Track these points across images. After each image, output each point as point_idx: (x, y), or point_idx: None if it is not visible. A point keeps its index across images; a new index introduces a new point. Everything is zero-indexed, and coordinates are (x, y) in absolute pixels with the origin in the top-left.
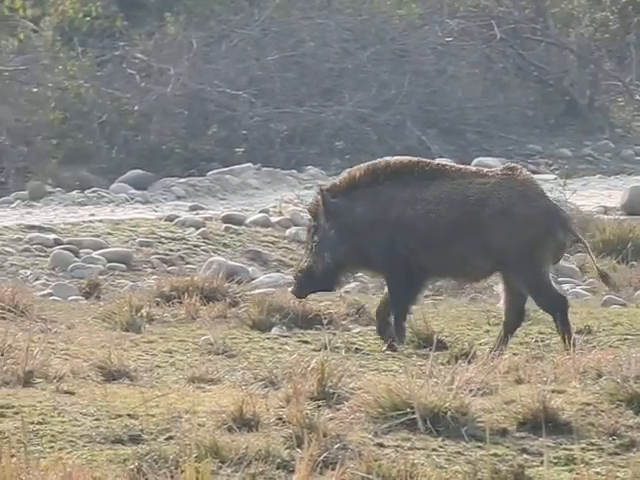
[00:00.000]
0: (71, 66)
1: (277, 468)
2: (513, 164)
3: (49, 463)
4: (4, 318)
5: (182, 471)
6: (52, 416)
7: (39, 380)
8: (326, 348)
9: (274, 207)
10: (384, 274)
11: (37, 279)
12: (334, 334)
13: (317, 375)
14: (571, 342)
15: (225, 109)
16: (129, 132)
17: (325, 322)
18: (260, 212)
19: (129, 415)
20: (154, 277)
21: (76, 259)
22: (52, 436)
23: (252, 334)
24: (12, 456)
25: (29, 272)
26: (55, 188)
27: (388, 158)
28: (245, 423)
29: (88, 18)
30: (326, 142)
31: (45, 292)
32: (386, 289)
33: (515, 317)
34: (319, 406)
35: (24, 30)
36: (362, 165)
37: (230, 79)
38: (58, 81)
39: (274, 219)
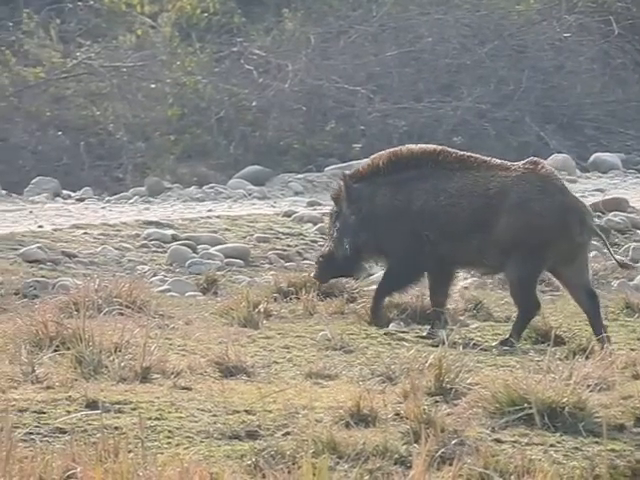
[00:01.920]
0: (189, 62)
1: (394, 464)
2: (536, 158)
3: (166, 459)
4: (122, 314)
5: (299, 467)
6: (169, 412)
7: (156, 376)
8: (444, 344)
9: None
10: (391, 258)
11: (155, 275)
12: (452, 329)
13: (435, 370)
14: (508, 340)
15: (343, 105)
16: (247, 128)
17: (444, 318)
18: None
19: (246, 411)
20: (271, 273)
21: (194, 255)
22: (169, 432)
23: (370, 330)
24: (129, 452)
25: (147, 268)
26: (173, 184)
27: (411, 145)
28: (362, 419)
29: (206, 14)
30: (444, 138)
31: (163, 288)
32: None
33: (588, 298)
34: (436, 401)
35: (142, 26)
36: (384, 152)
37: (348, 75)
38: (176, 77)
39: None
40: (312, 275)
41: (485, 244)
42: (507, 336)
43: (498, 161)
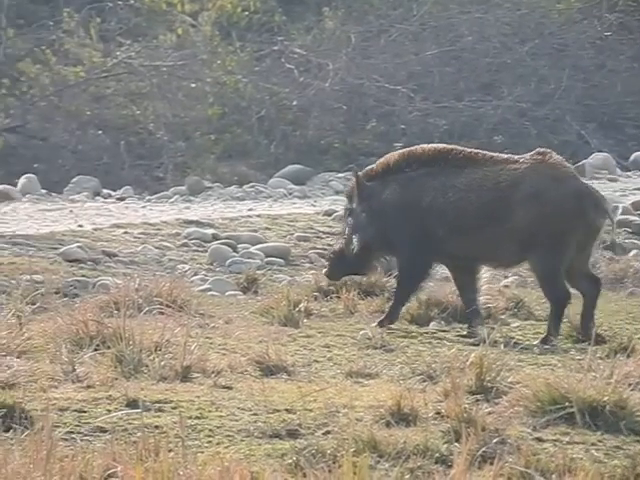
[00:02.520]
0: (229, 61)
1: (435, 463)
2: (543, 149)
3: (207, 458)
4: (162, 313)
5: (340, 466)
6: (210, 411)
7: (197, 375)
8: (485, 342)
9: None
10: (401, 257)
11: (195, 274)
12: (493, 328)
13: (476, 369)
14: (553, 333)
15: (384, 104)
16: (288, 127)
17: (484, 316)
18: None
19: (287, 410)
20: (312, 272)
21: (234, 254)
22: (210, 431)
23: (410, 328)
24: (170, 451)
25: (187, 267)
26: (213, 183)
27: (424, 145)
28: (403, 417)
29: (246, 13)
30: (485, 137)
31: (203, 287)
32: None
33: (590, 283)
34: (477, 400)
35: (182, 25)
36: (398, 151)
37: (389, 74)
38: (216, 76)
39: None
40: (323, 273)
41: (499, 238)
42: (546, 334)
43: (505, 155)
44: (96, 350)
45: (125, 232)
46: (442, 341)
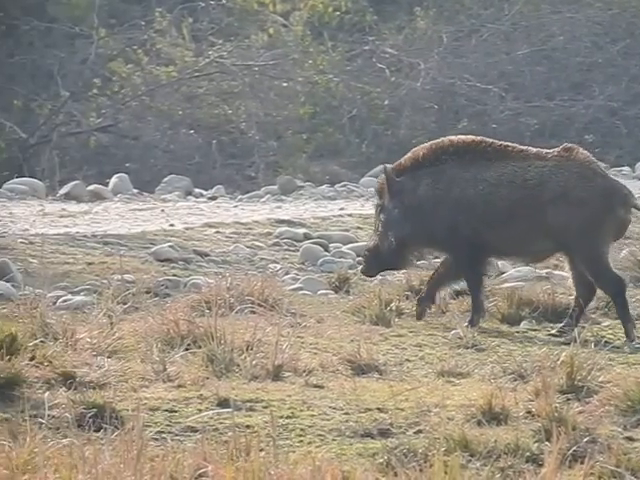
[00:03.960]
0: (321, 61)
1: (526, 462)
2: (570, 144)
3: (298, 457)
4: (254, 312)
5: (431, 465)
6: (301, 410)
7: (288, 374)
8: (575, 341)
9: None
10: (449, 253)
11: (287, 273)
12: (583, 327)
13: (566, 368)
14: (629, 326)
15: (475, 103)
16: (379, 126)
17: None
18: None
19: (378, 409)
20: (403, 271)
21: (325, 253)
22: (301, 430)
23: (501, 328)
24: (261, 450)
25: (279, 266)
26: (305, 182)
27: (452, 137)
28: (494, 416)
29: (338, 13)
30: (576, 136)
31: (295, 286)
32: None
33: (586, 291)
34: (568, 399)
35: (274, 25)
36: (426, 144)
37: (480, 73)
38: (308, 76)
39: None
40: (360, 270)
41: (531, 234)
42: (624, 326)
43: (534, 150)
44: (187, 349)
45: (217, 231)
46: (533, 340)
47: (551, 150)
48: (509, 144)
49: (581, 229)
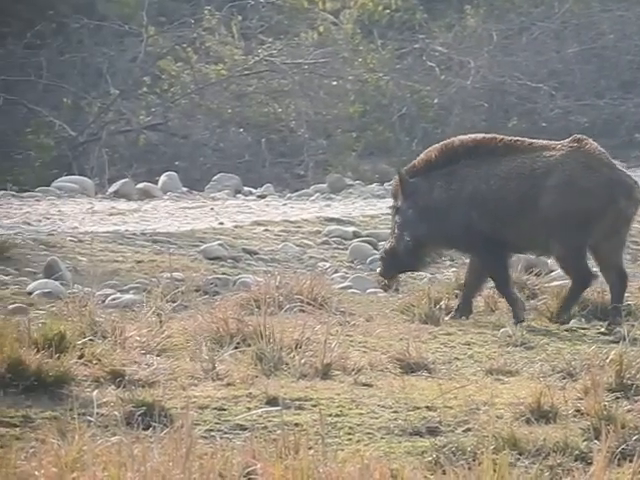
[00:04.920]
0: (371, 59)
1: (575, 460)
2: (580, 135)
3: (347, 455)
4: (303, 311)
5: (480, 463)
6: (350, 408)
7: (337, 372)
8: (624, 340)
9: None
10: (467, 252)
11: (336, 272)
12: (633, 325)
13: (615, 367)
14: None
15: (525, 101)
16: (429, 125)
17: (624, 313)
18: None
19: (427, 407)
20: (452, 269)
21: (374, 252)
22: (350, 428)
23: (550, 326)
24: (310, 448)
25: (328, 265)
26: (354, 181)
27: (461, 136)
28: (543, 415)
29: (388, 11)
30: (626, 134)
31: (344, 285)
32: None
33: (618, 278)
34: (617, 398)
35: (324, 23)
36: (437, 145)
37: (530, 71)
38: (358, 74)
39: None
40: (377, 272)
41: (534, 225)
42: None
43: (543, 142)
44: (236, 348)
45: (266, 230)
46: (582, 338)
47: (561, 142)
48: (519, 139)
49: (575, 218)
